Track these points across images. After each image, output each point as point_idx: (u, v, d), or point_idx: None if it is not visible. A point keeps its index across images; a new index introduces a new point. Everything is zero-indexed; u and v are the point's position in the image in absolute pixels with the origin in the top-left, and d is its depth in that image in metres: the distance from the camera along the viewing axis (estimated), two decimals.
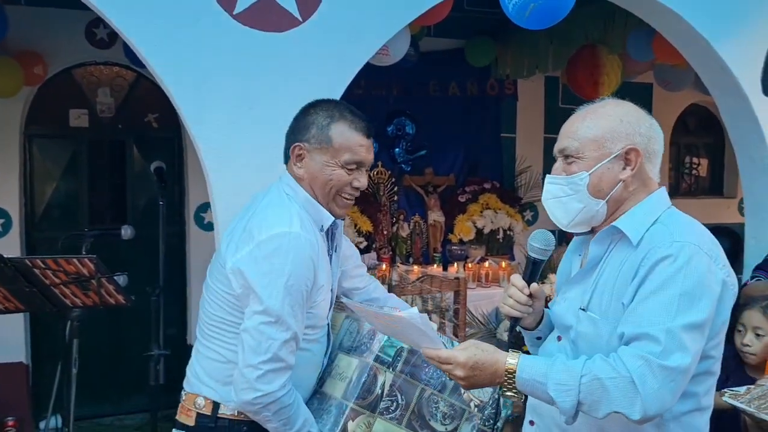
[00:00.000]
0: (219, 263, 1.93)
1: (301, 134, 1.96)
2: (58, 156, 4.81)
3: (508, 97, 5.61)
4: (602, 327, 1.53)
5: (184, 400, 1.98)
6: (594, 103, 1.66)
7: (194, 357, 2.00)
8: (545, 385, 1.45)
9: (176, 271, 4.93)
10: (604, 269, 1.57)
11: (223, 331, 1.91)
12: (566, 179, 1.60)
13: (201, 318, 1.99)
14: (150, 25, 2.42)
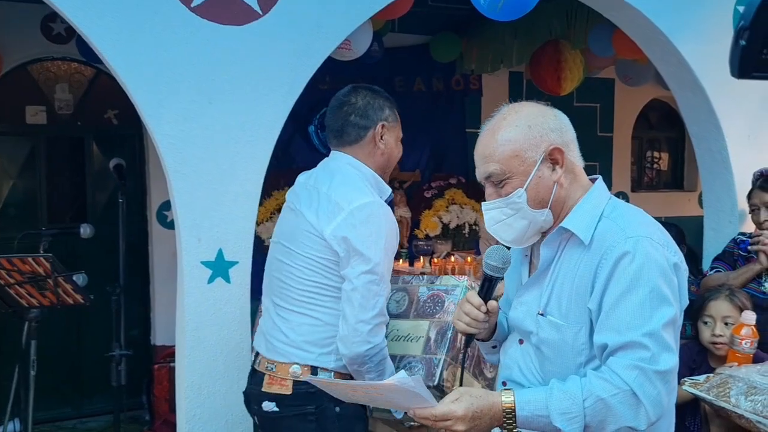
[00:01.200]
0: (307, 233, 2.02)
1: (379, 114, 2.14)
2: (14, 153, 4.69)
3: (473, 93, 5.63)
4: (566, 332, 1.51)
5: (274, 371, 2.03)
6: (493, 119, 1.61)
7: (279, 327, 2.05)
8: (549, 417, 1.42)
9: (138, 271, 4.85)
10: (558, 271, 1.55)
11: (320, 296, 2.02)
12: (504, 201, 1.55)
13: (282, 289, 2.07)
14: (106, 19, 2.37)
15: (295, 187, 2.18)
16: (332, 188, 2.03)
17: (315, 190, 2.06)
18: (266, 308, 2.15)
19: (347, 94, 2.15)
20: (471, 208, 5.30)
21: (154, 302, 4.90)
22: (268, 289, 2.14)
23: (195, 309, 2.50)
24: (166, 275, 4.75)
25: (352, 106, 2.12)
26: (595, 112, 6.18)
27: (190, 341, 2.52)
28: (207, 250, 2.50)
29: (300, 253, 2.03)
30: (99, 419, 4.76)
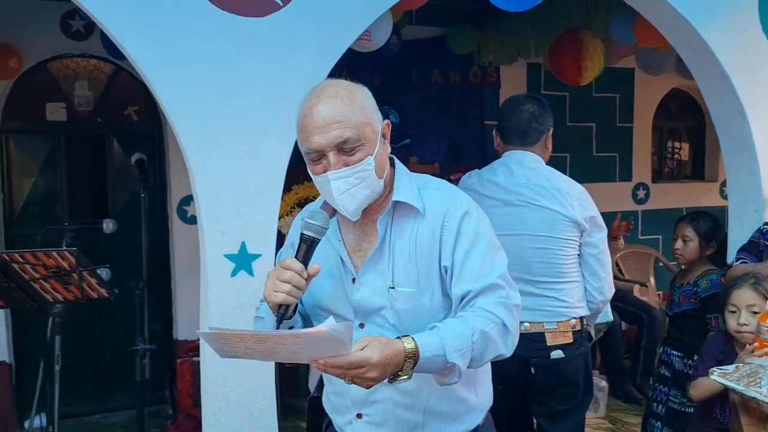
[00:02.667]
0: (561, 221, 2.53)
1: (549, 120, 2.66)
2: (35, 151, 4.72)
3: (491, 85, 5.59)
4: (422, 297, 1.61)
5: (555, 329, 2.57)
6: (329, 88, 1.57)
7: (553, 297, 2.56)
8: (445, 356, 1.48)
9: (159, 266, 4.87)
10: (393, 244, 1.62)
11: (576, 264, 2.60)
12: (353, 170, 1.54)
13: (548, 268, 2.55)
14: (127, 14, 2.37)
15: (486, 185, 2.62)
16: (553, 183, 2.56)
17: (540, 187, 2.55)
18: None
19: (524, 102, 2.65)
20: None
21: (175, 297, 4.92)
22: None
23: (219, 302, 2.51)
24: (187, 270, 4.77)
25: (531, 114, 2.62)
26: (614, 102, 6.12)
27: None
28: (230, 243, 2.50)
29: (559, 237, 2.54)
30: (122, 414, 4.80)
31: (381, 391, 1.61)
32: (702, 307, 3.21)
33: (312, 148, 1.54)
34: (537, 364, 2.58)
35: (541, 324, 2.57)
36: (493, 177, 2.63)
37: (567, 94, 5.83)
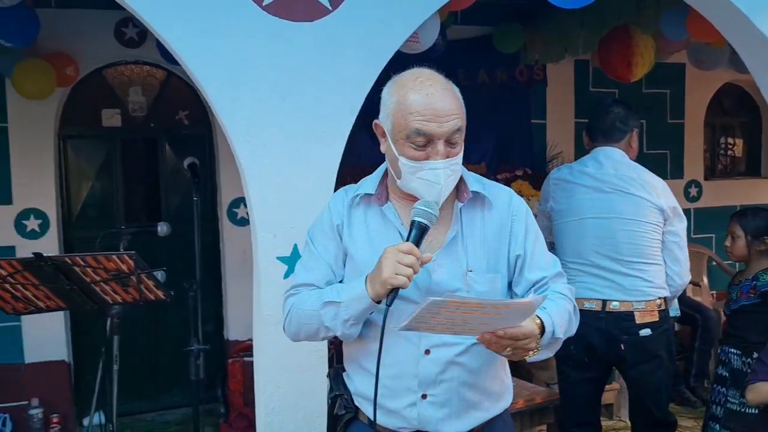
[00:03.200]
0: (649, 208, 2.85)
1: (632, 123, 3.03)
2: (92, 156, 4.87)
3: (538, 83, 5.53)
4: (496, 281, 1.71)
5: (644, 309, 2.84)
6: (433, 77, 1.65)
7: (640, 276, 2.84)
8: (553, 332, 1.63)
9: (211, 268, 4.97)
10: (465, 232, 1.70)
11: (658, 249, 2.87)
12: (454, 161, 1.62)
13: (635, 248, 2.85)
14: (180, 21, 2.42)
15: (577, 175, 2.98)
16: (639, 174, 2.90)
17: (628, 177, 2.88)
18: (601, 267, 2.88)
19: (611, 105, 3.06)
20: (538, 199, 5.21)
21: (226, 298, 5.01)
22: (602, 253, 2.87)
23: (271, 304, 2.54)
24: (237, 272, 4.86)
25: (616, 115, 2.98)
26: (665, 98, 5.99)
27: (267, 336, 2.56)
28: (282, 246, 2.53)
29: (647, 222, 2.83)
30: (176, 412, 4.91)
31: (450, 370, 1.68)
32: (762, 302, 3.13)
33: (426, 131, 1.58)
34: (627, 341, 2.85)
35: (630, 303, 2.84)
36: (584, 168, 2.99)
37: (616, 91, 5.73)
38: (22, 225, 4.50)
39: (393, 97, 1.65)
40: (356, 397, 1.80)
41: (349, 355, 1.82)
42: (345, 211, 1.75)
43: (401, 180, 1.67)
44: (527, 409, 3.38)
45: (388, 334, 1.59)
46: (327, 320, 1.66)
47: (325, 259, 1.75)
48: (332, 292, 1.67)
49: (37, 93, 4.24)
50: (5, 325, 4.41)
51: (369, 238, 1.70)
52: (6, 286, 2.57)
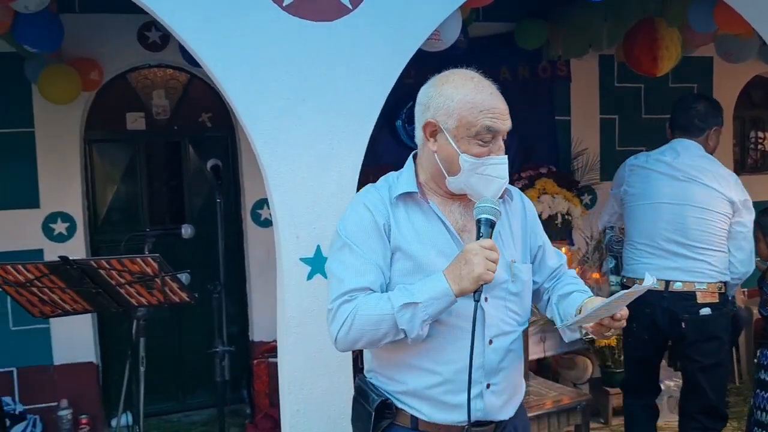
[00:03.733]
0: (720, 199, 3.06)
1: (712, 120, 3.23)
2: (117, 159, 4.91)
3: (561, 79, 5.46)
4: (530, 270, 1.86)
5: (705, 289, 3.06)
6: (483, 80, 1.74)
7: (705, 261, 3.07)
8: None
9: (235, 269, 4.99)
10: (499, 226, 1.74)
11: (724, 238, 3.09)
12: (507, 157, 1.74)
13: (704, 235, 3.07)
14: (201, 23, 2.42)
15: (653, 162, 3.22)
16: (713, 167, 3.11)
17: (703, 168, 3.10)
18: (667, 250, 3.13)
19: (694, 101, 3.26)
20: (563, 197, 5.15)
21: (250, 299, 5.02)
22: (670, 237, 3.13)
23: (295, 305, 2.53)
24: (261, 273, 4.87)
25: (697, 111, 3.18)
26: (692, 92, 5.88)
27: (291, 337, 2.56)
28: (305, 247, 2.52)
29: (717, 211, 3.05)
30: (202, 413, 4.94)
31: (507, 358, 1.78)
32: None
33: (496, 128, 1.69)
34: (687, 320, 3.07)
35: (692, 284, 3.06)
36: (661, 156, 3.21)
37: (642, 85, 5.65)
38: (49, 228, 4.56)
39: (455, 96, 1.69)
40: (404, 397, 1.77)
41: (394, 357, 1.76)
42: (388, 210, 1.74)
43: (457, 177, 1.70)
44: (555, 409, 3.35)
45: (450, 329, 1.68)
46: (403, 323, 1.62)
47: (373, 260, 1.70)
48: (404, 293, 1.64)
49: (62, 98, 4.29)
50: (34, 328, 4.47)
51: (418, 236, 1.72)
52: (33, 290, 2.60)
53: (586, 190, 5.51)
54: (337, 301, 1.69)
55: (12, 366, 4.51)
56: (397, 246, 1.71)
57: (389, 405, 1.77)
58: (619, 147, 5.74)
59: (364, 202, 1.76)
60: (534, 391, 3.52)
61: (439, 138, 1.72)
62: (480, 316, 1.67)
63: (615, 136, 5.72)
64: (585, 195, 5.53)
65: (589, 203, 5.62)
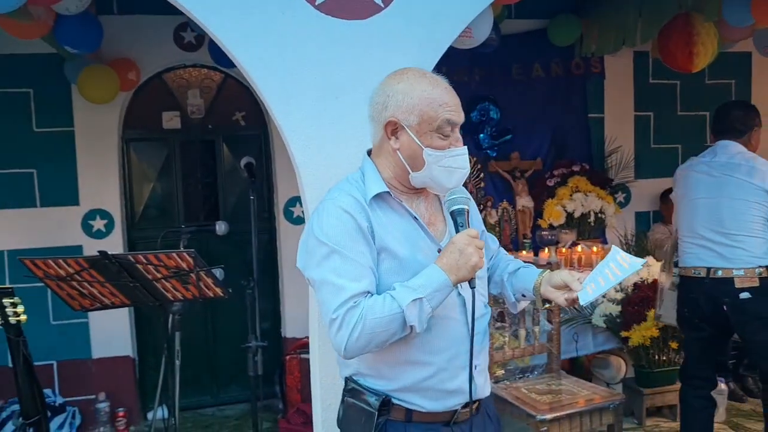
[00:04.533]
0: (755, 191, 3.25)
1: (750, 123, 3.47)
2: (153, 157, 5.01)
3: (595, 76, 5.42)
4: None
5: (743, 275, 3.25)
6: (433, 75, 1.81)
7: (741, 248, 3.26)
8: None
9: (268, 266, 5.05)
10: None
11: (759, 224, 3.27)
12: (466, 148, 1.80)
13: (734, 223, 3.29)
14: (236, 23, 2.46)
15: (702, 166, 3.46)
16: (747, 161, 3.32)
17: (738, 164, 3.33)
18: (707, 239, 3.35)
19: (731, 108, 3.52)
20: (596, 195, 5.12)
21: (283, 296, 5.08)
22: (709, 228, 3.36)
23: None
24: (293, 270, 4.87)
25: (735, 116, 3.43)
26: (729, 88, 5.78)
27: (322, 332, 2.58)
28: None
29: (750, 201, 3.27)
30: (235, 407, 5.01)
31: (484, 339, 1.88)
32: None
33: (455, 120, 1.75)
34: (728, 303, 3.30)
35: (731, 270, 3.28)
36: (702, 158, 3.50)
37: (677, 82, 5.57)
38: (88, 225, 4.67)
39: (413, 93, 1.73)
40: (399, 393, 1.78)
41: (386, 356, 1.77)
42: (367, 212, 1.74)
43: (421, 171, 1.75)
44: (587, 408, 3.32)
45: (439, 320, 1.72)
46: (412, 319, 1.65)
47: (365, 263, 1.69)
48: (407, 290, 1.66)
49: (101, 98, 4.39)
50: (74, 322, 4.58)
51: (396, 234, 1.75)
52: (74, 284, 2.67)
53: (620, 188, 5.46)
54: (341, 309, 1.66)
55: (52, 359, 4.63)
56: (383, 246, 1.72)
57: (387, 402, 1.77)
58: (654, 144, 5.67)
59: (342, 207, 1.72)
60: (566, 390, 3.50)
61: (400, 135, 1.75)
62: (461, 302, 1.78)
63: (650, 133, 5.65)
64: (619, 193, 5.47)
65: (624, 201, 5.56)
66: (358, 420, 1.81)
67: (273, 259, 5.11)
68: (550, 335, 3.72)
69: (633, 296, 4.18)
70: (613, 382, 4.49)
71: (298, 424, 4.33)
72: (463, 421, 1.83)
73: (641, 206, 5.65)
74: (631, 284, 4.24)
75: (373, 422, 1.76)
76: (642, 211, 5.67)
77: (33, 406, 2.96)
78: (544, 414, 3.18)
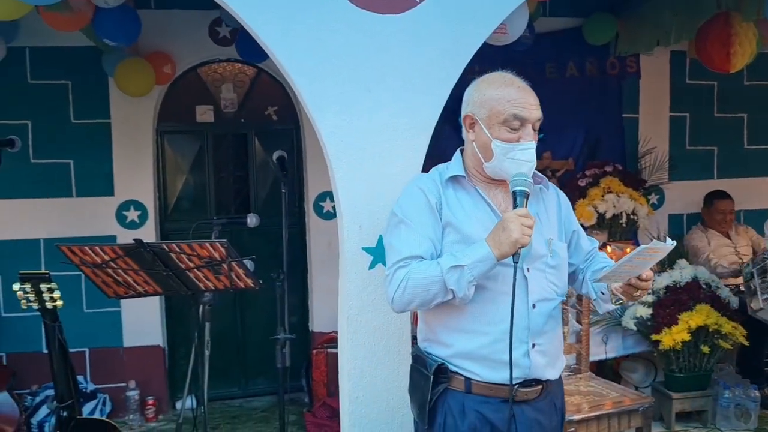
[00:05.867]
0: None
1: None
2: (186, 150, 5.07)
3: (631, 76, 5.35)
4: (566, 249, 2.08)
5: None
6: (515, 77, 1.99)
7: None
8: None
9: (297, 260, 5.08)
10: (536, 209, 2.00)
11: None
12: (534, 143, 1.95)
13: None
14: (271, 16, 2.47)
15: None
16: None
17: None
18: None
19: None
20: (628, 196, 5.05)
21: (311, 290, 5.11)
22: None
23: (357, 294, 2.57)
24: (322, 264, 4.95)
25: None
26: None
27: (351, 326, 2.59)
28: (368, 237, 2.55)
29: None
30: (262, 399, 5.06)
31: (549, 322, 1.98)
32: None
33: (523, 115, 1.90)
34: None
35: None
36: None
37: (715, 83, 5.48)
38: (122, 216, 4.75)
39: (487, 91, 1.95)
40: (458, 360, 1.95)
41: (446, 322, 1.97)
42: (440, 190, 1.98)
43: (491, 162, 1.94)
44: (615, 410, 3.29)
45: (495, 294, 1.90)
46: (451, 283, 1.84)
47: (425, 234, 1.93)
48: (451, 258, 1.86)
49: (137, 91, 4.46)
50: (107, 311, 4.66)
51: (465, 213, 1.96)
52: (109, 271, 2.72)
53: (653, 190, 5.39)
54: (393, 267, 1.94)
55: (85, 347, 4.71)
56: (448, 221, 1.94)
57: (445, 369, 1.95)
58: (689, 146, 5.59)
59: (418, 185, 2.00)
60: (595, 392, 3.47)
61: (475, 128, 1.97)
62: (523, 283, 1.91)
63: (685, 134, 5.57)
64: (652, 195, 5.40)
65: (657, 203, 5.49)
66: (419, 385, 2.01)
67: (302, 254, 5.14)
68: (579, 336, 3.69)
69: (665, 299, 4.13)
70: (642, 385, 4.43)
71: (323, 418, 4.35)
72: (525, 401, 1.95)
73: (675, 208, 5.57)
74: (663, 287, 4.18)
75: (429, 386, 1.95)
76: (676, 214, 5.59)
77: (67, 390, 3.02)
78: (571, 415, 3.15)
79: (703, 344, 4.05)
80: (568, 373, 3.69)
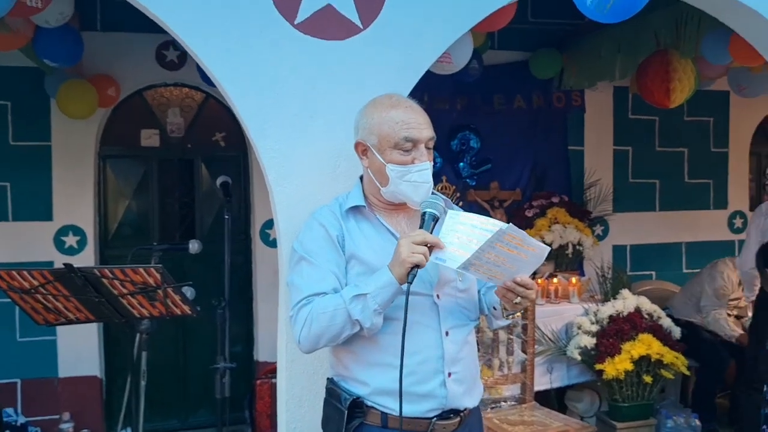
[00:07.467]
0: None
1: None
2: (130, 175, 4.97)
3: (576, 109, 5.48)
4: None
5: None
6: (401, 97, 1.99)
7: None
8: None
9: (243, 288, 4.99)
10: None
11: None
12: (430, 165, 1.91)
13: None
14: (215, 40, 2.44)
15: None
16: None
17: None
18: None
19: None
20: (574, 227, 5.13)
21: (257, 319, 5.01)
22: None
23: None
24: (268, 293, 4.86)
25: None
26: (708, 126, 5.87)
27: (290, 354, 2.53)
28: None
29: None
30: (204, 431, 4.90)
31: (464, 349, 1.92)
32: None
33: (413, 137, 1.87)
34: None
35: None
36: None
37: (656, 118, 5.65)
38: (61, 241, 4.60)
39: (374, 115, 1.93)
40: (373, 396, 1.88)
41: (357, 357, 1.90)
42: (340, 222, 1.93)
43: (388, 186, 1.90)
44: None
45: (410, 324, 1.76)
46: (356, 313, 1.78)
47: (329, 269, 1.87)
48: (353, 288, 1.81)
49: (80, 113, 4.36)
50: (41, 339, 4.49)
51: (368, 243, 1.90)
52: (38, 297, 2.61)
53: (598, 221, 5.48)
54: (296, 306, 1.87)
55: (17, 377, 4.52)
56: (351, 254, 1.89)
57: (360, 404, 1.88)
58: (632, 179, 5.72)
59: (318, 219, 1.96)
60: (538, 421, 3.46)
61: (368, 155, 1.95)
62: (434, 310, 1.88)
63: (628, 167, 5.71)
64: (597, 226, 5.50)
65: (601, 234, 5.59)
66: (333, 419, 1.93)
67: (248, 281, 5.06)
68: (524, 366, 3.69)
69: (608, 328, 4.17)
70: (586, 415, 4.45)
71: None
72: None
73: (619, 240, 5.68)
74: (607, 316, 4.23)
75: (343, 421, 1.87)
76: (619, 245, 5.70)
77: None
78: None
79: (646, 374, 4.10)
80: (513, 403, 3.69)
